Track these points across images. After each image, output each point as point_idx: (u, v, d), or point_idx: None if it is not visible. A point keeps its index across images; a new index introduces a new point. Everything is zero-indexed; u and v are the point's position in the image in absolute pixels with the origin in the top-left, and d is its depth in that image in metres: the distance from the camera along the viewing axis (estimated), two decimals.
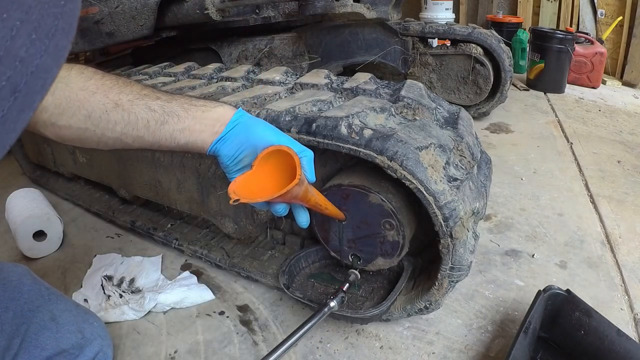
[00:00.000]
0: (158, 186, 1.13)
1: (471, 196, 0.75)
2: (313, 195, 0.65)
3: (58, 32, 0.24)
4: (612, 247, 1.17)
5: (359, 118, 0.76)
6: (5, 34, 0.21)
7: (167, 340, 0.92)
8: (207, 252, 1.12)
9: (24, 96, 0.23)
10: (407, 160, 0.69)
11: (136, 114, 0.57)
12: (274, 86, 1.01)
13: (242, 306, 1.01)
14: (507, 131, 2.08)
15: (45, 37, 0.23)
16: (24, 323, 0.67)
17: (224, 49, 1.64)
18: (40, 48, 0.23)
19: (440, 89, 2.17)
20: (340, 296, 0.81)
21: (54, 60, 0.24)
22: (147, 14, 1.36)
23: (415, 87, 0.90)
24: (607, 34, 3.05)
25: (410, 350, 0.87)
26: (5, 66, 0.22)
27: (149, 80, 1.27)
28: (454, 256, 0.74)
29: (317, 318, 0.77)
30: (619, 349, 0.73)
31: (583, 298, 0.81)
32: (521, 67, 3.15)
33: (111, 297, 0.99)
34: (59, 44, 0.24)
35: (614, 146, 1.87)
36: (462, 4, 4.03)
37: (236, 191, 0.57)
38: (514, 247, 1.19)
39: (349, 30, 1.90)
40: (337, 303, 0.80)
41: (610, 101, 2.59)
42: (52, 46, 0.24)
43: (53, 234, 1.23)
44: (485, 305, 0.98)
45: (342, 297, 0.82)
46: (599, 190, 1.48)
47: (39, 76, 0.23)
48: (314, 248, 0.98)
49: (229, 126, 0.61)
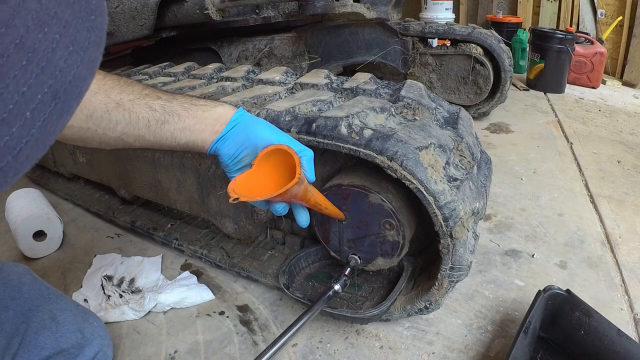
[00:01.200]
0: (158, 186, 1.13)
1: (471, 196, 0.75)
2: (313, 194, 0.65)
3: (91, 45, 0.27)
4: (612, 247, 1.17)
5: (359, 118, 0.76)
6: (47, 47, 0.24)
7: (167, 340, 0.92)
8: (207, 252, 1.12)
9: (62, 102, 0.25)
10: (407, 160, 0.69)
11: (137, 113, 0.57)
12: (274, 86, 1.01)
13: (242, 306, 1.01)
14: (507, 131, 2.08)
15: (80, 49, 0.26)
16: (24, 322, 0.67)
17: (224, 49, 1.64)
18: (77, 59, 0.26)
19: (440, 89, 2.17)
20: (343, 279, 0.83)
21: (88, 70, 0.27)
22: (147, 14, 1.36)
23: (415, 87, 0.90)
24: (607, 34, 3.05)
25: (410, 350, 0.87)
26: (47, 75, 0.24)
27: (149, 80, 1.27)
28: (454, 256, 0.74)
29: (322, 300, 0.79)
30: (619, 349, 0.73)
31: (583, 298, 0.81)
32: (521, 67, 3.15)
33: (111, 297, 0.99)
34: (92, 55, 0.27)
35: (614, 146, 1.87)
36: (462, 4, 4.04)
37: (236, 190, 0.57)
38: (514, 247, 1.19)
39: (349, 30, 1.90)
40: (340, 286, 0.82)
41: (610, 101, 2.59)
42: (86, 57, 0.26)
43: (53, 234, 1.23)
44: (485, 305, 0.98)
45: (345, 280, 0.83)
46: (599, 190, 1.48)
47: (76, 85, 0.26)
48: (314, 248, 0.98)
49: (229, 125, 0.61)
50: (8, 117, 0.23)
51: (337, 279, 0.83)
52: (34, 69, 0.23)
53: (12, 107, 0.23)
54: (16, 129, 0.24)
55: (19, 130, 0.24)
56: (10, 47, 0.22)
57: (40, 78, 0.24)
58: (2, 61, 0.22)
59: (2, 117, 0.23)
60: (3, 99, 0.23)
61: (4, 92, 0.22)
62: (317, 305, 0.78)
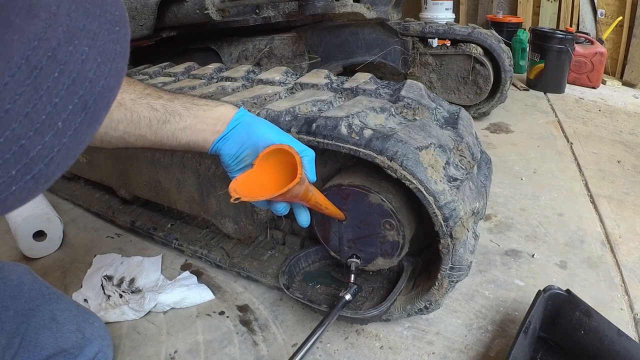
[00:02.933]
0: (158, 186, 1.13)
1: (471, 196, 0.75)
2: (313, 194, 0.65)
3: (117, 56, 0.28)
4: (612, 247, 1.17)
5: (359, 118, 0.76)
6: (77, 58, 0.25)
7: (167, 340, 0.92)
8: (207, 252, 1.12)
9: (92, 112, 0.26)
10: (407, 160, 0.69)
11: (139, 113, 0.57)
12: (274, 86, 1.01)
13: (242, 306, 1.01)
14: (507, 131, 2.08)
15: (108, 61, 0.27)
16: (24, 322, 0.67)
17: (224, 49, 1.64)
18: (105, 70, 0.27)
19: (440, 89, 2.17)
20: (353, 288, 0.83)
21: (115, 80, 0.28)
22: (147, 14, 1.36)
23: (415, 87, 0.90)
24: (607, 34, 3.05)
25: (410, 350, 0.87)
26: (78, 86, 0.25)
27: (149, 80, 1.27)
28: (454, 256, 0.74)
29: (335, 310, 0.79)
30: (619, 349, 0.73)
31: (583, 298, 0.81)
32: (521, 67, 3.15)
33: (111, 297, 0.99)
34: (118, 66, 0.28)
35: (614, 146, 1.88)
36: (462, 4, 4.04)
37: (237, 189, 0.57)
38: (514, 247, 1.19)
39: (349, 30, 1.90)
40: (351, 295, 0.82)
41: (610, 101, 2.59)
42: (113, 68, 0.27)
43: (53, 234, 1.22)
44: (485, 305, 0.98)
45: (355, 289, 0.84)
46: (599, 190, 1.48)
47: (104, 95, 0.27)
48: (314, 248, 0.98)
49: (231, 125, 0.61)
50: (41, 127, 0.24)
51: (347, 289, 0.83)
52: (65, 80, 0.24)
53: (44, 118, 0.24)
54: (49, 138, 0.24)
55: (51, 140, 0.25)
56: (43, 60, 0.23)
57: (71, 89, 0.25)
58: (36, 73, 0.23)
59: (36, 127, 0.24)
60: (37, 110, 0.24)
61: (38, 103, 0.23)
62: (331, 315, 0.78)
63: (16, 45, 0.22)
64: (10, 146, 0.23)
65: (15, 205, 0.25)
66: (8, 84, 0.22)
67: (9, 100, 0.23)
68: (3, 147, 0.23)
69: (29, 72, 0.23)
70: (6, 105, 0.23)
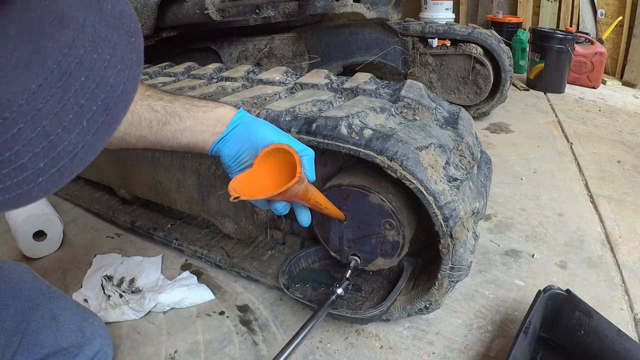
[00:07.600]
0: (158, 186, 1.13)
1: (471, 196, 0.75)
2: (313, 194, 0.65)
3: (134, 64, 0.30)
4: (612, 247, 1.17)
5: (359, 118, 0.76)
6: (100, 65, 0.28)
7: (167, 340, 0.92)
8: (207, 252, 1.12)
9: (112, 114, 0.29)
10: (407, 160, 0.69)
11: (139, 114, 0.58)
12: (274, 86, 1.01)
13: (242, 306, 1.01)
14: (507, 131, 2.08)
15: (126, 68, 0.29)
16: (24, 321, 0.68)
17: (224, 49, 1.64)
18: (124, 76, 0.29)
19: (440, 89, 2.17)
20: (345, 283, 0.83)
21: (132, 86, 0.30)
22: (147, 14, 1.36)
23: (415, 87, 0.90)
24: (607, 34, 3.05)
25: (410, 350, 0.87)
26: (101, 90, 0.28)
27: (149, 80, 1.27)
28: (454, 256, 0.74)
29: (326, 305, 0.79)
30: (619, 349, 0.73)
31: (583, 298, 0.81)
32: (521, 67, 3.15)
33: (111, 297, 0.99)
34: (135, 73, 0.30)
35: (614, 146, 1.88)
36: (462, 4, 4.04)
37: (236, 188, 0.57)
38: (514, 247, 1.19)
39: (349, 30, 1.90)
40: (343, 290, 0.82)
41: (610, 101, 2.59)
42: (131, 75, 0.30)
43: (53, 233, 1.23)
44: (485, 305, 0.98)
45: (347, 284, 0.83)
46: (599, 190, 1.48)
47: (123, 98, 0.30)
48: (314, 248, 0.98)
49: (230, 126, 0.61)
50: (68, 125, 0.27)
51: (340, 283, 0.83)
52: (90, 84, 0.27)
53: (72, 117, 0.27)
54: (74, 136, 0.27)
55: (77, 137, 0.27)
56: (72, 66, 0.26)
57: (95, 92, 0.27)
58: (66, 77, 0.26)
59: (64, 125, 0.26)
60: (65, 110, 0.26)
61: (66, 104, 0.26)
62: (321, 312, 0.78)
63: (49, 51, 0.25)
64: (41, 141, 0.26)
65: (40, 195, 0.27)
66: (42, 85, 0.25)
67: (42, 100, 0.25)
68: (34, 142, 0.25)
69: (59, 76, 0.25)
70: (39, 105, 0.25)
